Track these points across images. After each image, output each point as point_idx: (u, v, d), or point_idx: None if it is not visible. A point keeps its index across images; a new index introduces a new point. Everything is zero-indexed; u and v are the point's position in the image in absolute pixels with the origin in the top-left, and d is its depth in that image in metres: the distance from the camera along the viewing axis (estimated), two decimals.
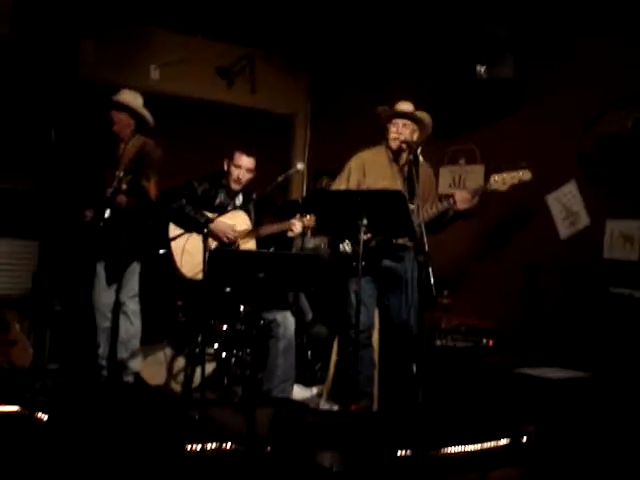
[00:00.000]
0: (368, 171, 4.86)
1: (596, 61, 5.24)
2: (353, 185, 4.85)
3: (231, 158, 5.09)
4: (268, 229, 5.15)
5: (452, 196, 4.62)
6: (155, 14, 6.48)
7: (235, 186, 5.11)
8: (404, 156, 4.77)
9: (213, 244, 4.95)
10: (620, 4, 5.12)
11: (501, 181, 4.57)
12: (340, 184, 4.94)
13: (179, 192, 5.08)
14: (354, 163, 4.95)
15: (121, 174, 4.88)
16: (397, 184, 4.73)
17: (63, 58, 5.95)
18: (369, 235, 4.60)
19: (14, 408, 4.05)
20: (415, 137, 4.79)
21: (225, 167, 5.12)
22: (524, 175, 4.57)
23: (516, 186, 4.59)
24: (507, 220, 5.57)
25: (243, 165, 5.07)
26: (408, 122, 4.79)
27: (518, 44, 5.54)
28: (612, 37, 5.16)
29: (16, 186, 5.78)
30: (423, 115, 4.81)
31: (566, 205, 5.36)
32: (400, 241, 4.71)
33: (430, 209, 4.66)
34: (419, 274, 4.57)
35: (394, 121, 4.82)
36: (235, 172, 5.08)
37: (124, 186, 4.80)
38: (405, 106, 4.83)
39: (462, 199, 4.58)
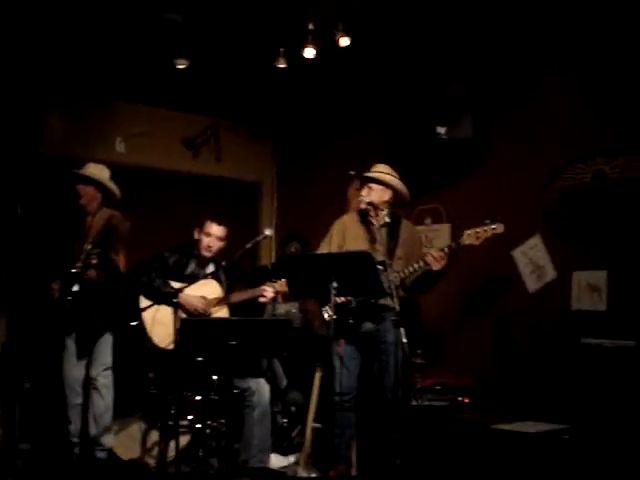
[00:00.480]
0: (348, 234, 4.92)
1: (554, 117, 5.36)
2: (334, 249, 4.89)
3: (201, 227, 5.12)
4: (239, 296, 5.15)
5: (424, 257, 4.65)
6: (119, 87, 6.56)
7: (206, 254, 5.12)
8: (380, 217, 4.78)
9: (183, 315, 4.93)
10: (575, 62, 5.28)
11: (474, 235, 4.60)
12: (322, 248, 4.98)
13: (149, 265, 5.08)
14: (336, 227, 5.02)
15: (89, 247, 4.85)
16: (367, 245, 4.75)
17: (28, 134, 5.98)
18: (344, 299, 4.62)
19: None
20: (386, 198, 4.83)
21: (196, 236, 5.14)
22: (497, 228, 4.60)
23: (489, 239, 4.62)
24: (476, 276, 5.61)
25: (213, 233, 5.10)
26: (374, 185, 4.84)
27: (476, 104, 5.68)
28: (569, 94, 5.30)
29: None
30: (383, 177, 4.85)
31: (532, 259, 5.43)
32: (382, 301, 4.68)
33: (406, 269, 4.68)
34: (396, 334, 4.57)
35: (362, 185, 4.89)
36: (205, 240, 5.10)
37: (94, 260, 4.78)
38: (377, 169, 4.89)
39: (433, 259, 4.58)
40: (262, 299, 5.09)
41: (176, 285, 4.93)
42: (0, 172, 5.82)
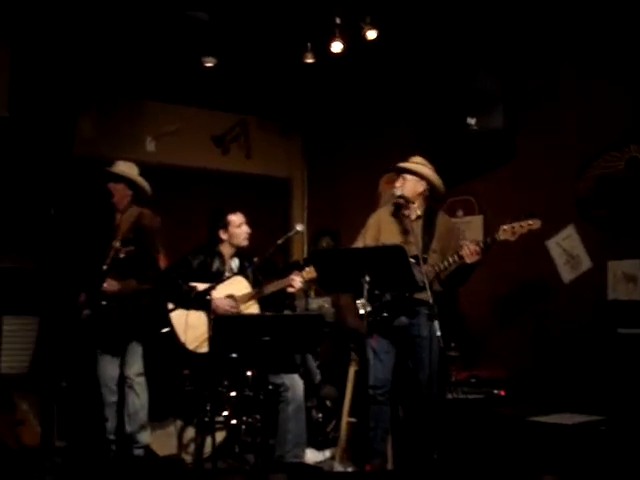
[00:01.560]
0: (383, 228, 4.89)
1: (585, 105, 5.31)
2: (370, 241, 4.87)
3: (227, 224, 5.13)
4: (268, 288, 5.15)
5: (458, 251, 4.60)
6: (149, 87, 6.60)
7: (245, 243, 5.16)
8: (412, 210, 4.75)
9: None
10: (607, 49, 5.21)
11: (510, 231, 4.49)
12: (358, 242, 4.96)
13: (174, 271, 5.10)
14: (371, 220, 5.00)
15: (118, 244, 4.91)
16: (401, 238, 4.72)
17: (60, 136, 6.04)
18: (376, 291, 4.60)
19: None
20: (420, 190, 4.78)
21: (223, 236, 5.15)
22: (534, 224, 4.48)
23: (525, 235, 4.55)
24: (510, 268, 5.55)
25: (240, 221, 5.15)
26: (408, 176, 4.80)
27: (507, 94, 5.62)
28: (600, 81, 5.24)
29: (19, 265, 5.79)
30: (418, 168, 4.79)
31: (567, 249, 5.37)
32: (416, 295, 4.62)
33: (440, 263, 4.64)
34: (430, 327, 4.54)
35: (397, 175, 4.86)
36: (239, 231, 5.14)
37: (122, 255, 4.83)
38: (413, 160, 4.85)
39: (469, 253, 4.50)
40: (290, 289, 5.08)
41: (202, 286, 4.92)
42: (33, 174, 5.90)
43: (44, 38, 5.74)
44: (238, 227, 5.14)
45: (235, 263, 5.21)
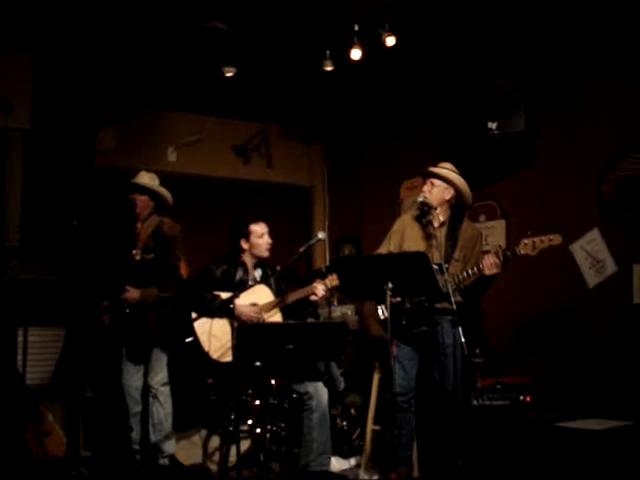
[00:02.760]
0: (406, 234, 4.87)
1: (607, 107, 5.25)
2: (394, 248, 4.86)
3: (249, 234, 5.13)
4: (291, 297, 5.14)
5: (478, 263, 4.57)
6: (169, 97, 6.64)
7: (266, 254, 5.16)
8: (434, 216, 4.70)
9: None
10: (628, 49, 5.16)
11: (531, 245, 4.44)
12: (382, 248, 4.95)
13: (197, 281, 5.11)
14: (396, 226, 4.98)
15: (139, 253, 4.97)
16: (424, 245, 4.70)
17: (81, 148, 6.10)
18: (398, 298, 4.58)
19: None
20: (447, 197, 4.74)
21: (245, 246, 5.15)
22: (554, 239, 4.43)
23: (545, 251, 4.50)
24: (534, 272, 5.50)
25: (264, 231, 5.15)
26: (436, 181, 4.75)
27: (528, 98, 5.59)
28: (622, 82, 5.19)
29: (43, 276, 5.84)
30: (447, 174, 4.74)
31: (591, 253, 5.31)
32: (437, 305, 4.61)
33: (460, 274, 4.61)
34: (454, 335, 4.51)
35: (425, 180, 4.83)
36: (261, 241, 5.14)
37: (142, 259, 4.91)
38: (442, 166, 4.80)
39: (490, 265, 4.47)
40: (313, 297, 5.07)
41: (226, 295, 4.93)
42: (56, 186, 5.95)
43: (65, 52, 5.81)
44: (260, 237, 5.14)
45: (258, 273, 5.21)
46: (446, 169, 4.77)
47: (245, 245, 5.15)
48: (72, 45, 5.70)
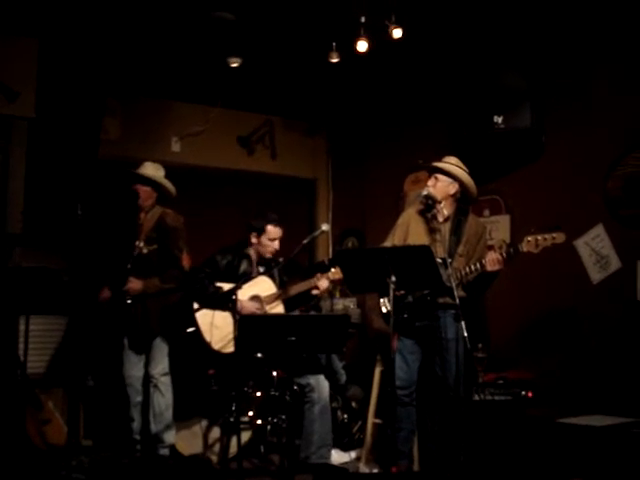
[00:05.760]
0: (411, 228, 4.85)
1: (614, 103, 5.24)
2: (398, 241, 4.85)
3: (262, 232, 5.12)
4: (294, 289, 5.14)
5: (482, 259, 4.56)
6: (174, 87, 6.62)
7: (269, 256, 5.15)
8: (439, 211, 4.68)
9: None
10: (634, 45, 5.14)
11: (534, 243, 4.43)
12: (386, 241, 4.94)
13: (201, 271, 5.11)
14: (401, 220, 4.97)
15: (141, 244, 4.98)
16: (428, 240, 4.68)
17: (86, 137, 6.08)
18: (402, 292, 4.57)
19: None
20: (452, 191, 4.72)
21: (253, 240, 5.15)
22: (557, 238, 4.43)
23: (548, 249, 4.49)
24: (538, 268, 5.48)
25: (277, 236, 5.14)
26: (441, 176, 4.73)
27: (534, 93, 5.57)
28: (629, 78, 5.17)
29: (46, 264, 5.83)
30: (452, 168, 4.72)
31: (595, 249, 5.30)
32: (440, 300, 4.61)
33: (463, 269, 4.60)
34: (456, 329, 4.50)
35: (429, 174, 4.82)
36: (270, 245, 5.14)
37: (144, 250, 4.91)
38: (447, 161, 4.78)
39: (492, 261, 4.48)
40: (315, 291, 5.08)
41: (228, 287, 4.89)
42: (60, 175, 5.94)
43: (70, 40, 5.78)
44: (271, 240, 5.14)
45: (262, 269, 5.20)
46: (451, 164, 4.75)
47: (254, 239, 5.15)
48: (78, 33, 5.67)
